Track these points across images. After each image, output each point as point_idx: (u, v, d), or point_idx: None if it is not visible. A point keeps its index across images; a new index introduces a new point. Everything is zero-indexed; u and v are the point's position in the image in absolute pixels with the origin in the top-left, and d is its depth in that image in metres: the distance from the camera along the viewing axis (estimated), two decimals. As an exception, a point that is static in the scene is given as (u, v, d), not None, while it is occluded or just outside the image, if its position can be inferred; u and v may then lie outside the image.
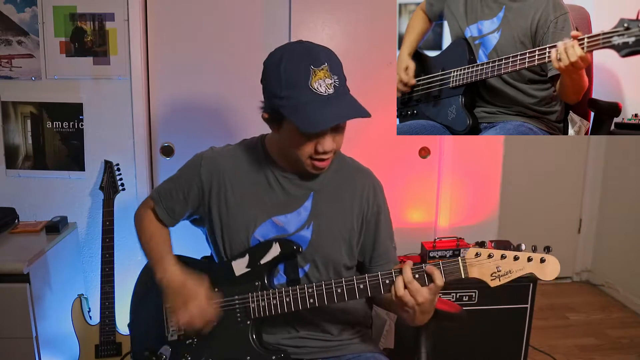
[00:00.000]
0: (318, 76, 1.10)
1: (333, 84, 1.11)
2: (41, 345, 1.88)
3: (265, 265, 1.25)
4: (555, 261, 1.07)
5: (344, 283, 1.18)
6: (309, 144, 1.16)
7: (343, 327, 1.35)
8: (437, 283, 1.11)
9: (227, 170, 1.31)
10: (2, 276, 1.80)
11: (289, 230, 1.28)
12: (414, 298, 1.11)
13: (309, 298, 1.19)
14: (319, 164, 1.20)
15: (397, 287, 1.12)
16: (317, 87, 1.10)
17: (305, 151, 1.17)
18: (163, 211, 1.35)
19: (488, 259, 1.10)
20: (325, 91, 1.10)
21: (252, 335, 1.25)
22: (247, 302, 1.24)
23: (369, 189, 1.33)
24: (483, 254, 1.10)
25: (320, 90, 1.10)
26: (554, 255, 1.08)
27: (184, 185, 1.33)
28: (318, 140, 1.15)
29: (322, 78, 1.10)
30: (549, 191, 3.38)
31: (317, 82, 1.10)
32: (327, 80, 1.11)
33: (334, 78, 1.12)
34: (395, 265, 1.36)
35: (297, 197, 1.29)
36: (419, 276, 1.12)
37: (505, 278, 1.09)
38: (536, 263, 1.07)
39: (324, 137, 1.15)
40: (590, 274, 3.47)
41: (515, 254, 1.08)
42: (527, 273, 1.08)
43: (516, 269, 1.08)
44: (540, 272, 1.07)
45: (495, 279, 1.09)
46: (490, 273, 1.09)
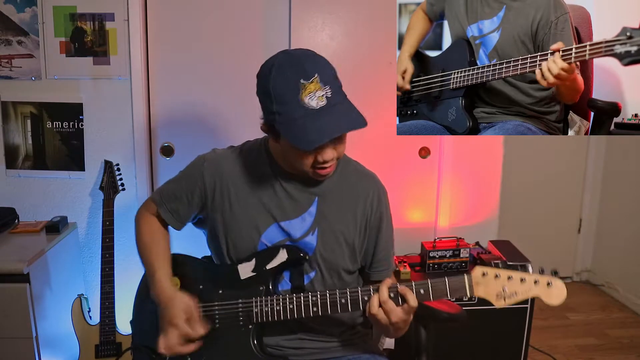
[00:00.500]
0: (308, 90, 1.07)
1: (325, 95, 1.08)
2: (41, 345, 1.88)
3: (271, 270, 1.25)
4: (562, 285, 1.07)
5: (349, 294, 1.18)
6: (309, 157, 1.15)
7: (343, 328, 1.35)
8: (411, 304, 1.11)
9: (230, 173, 1.30)
10: (2, 276, 1.80)
11: (294, 235, 1.27)
12: (388, 317, 1.12)
13: (313, 306, 1.19)
14: (322, 172, 1.19)
15: (371, 304, 1.13)
16: (308, 101, 1.07)
17: (306, 163, 1.16)
18: (168, 214, 1.33)
19: (494, 279, 1.09)
20: (316, 104, 1.07)
21: (253, 340, 1.24)
22: (250, 307, 1.24)
23: (374, 194, 1.32)
24: (490, 274, 1.10)
25: (312, 105, 1.07)
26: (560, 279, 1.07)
27: (186, 188, 1.32)
28: (318, 152, 1.14)
29: (312, 91, 1.07)
30: (549, 191, 3.38)
31: (307, 96, 1.07)
32: (317, 92, 1.07)
33: (326, 89, 1.08)
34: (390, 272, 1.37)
35: (301, 202, 1.28)
36: (394, 296, 1.12)
37: (511, 299, 1.09)
38: (542, 286, 1.07)
39: (323, 149, 1.14)
40: (590, 274, 3.47)
41: (522, 276, 1.08)
42: (533, 296, 1.08)
43: (522, 291, 1.08)
44: (546, 295, 1.07)
45: (501, 299, 1.09)
46: (495, 293, 1.09)
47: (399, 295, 1.12)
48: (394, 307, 1.11)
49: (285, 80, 1.09)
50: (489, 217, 2.53)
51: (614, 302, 3.18)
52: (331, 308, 1.18)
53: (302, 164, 1.17)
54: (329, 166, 1.18)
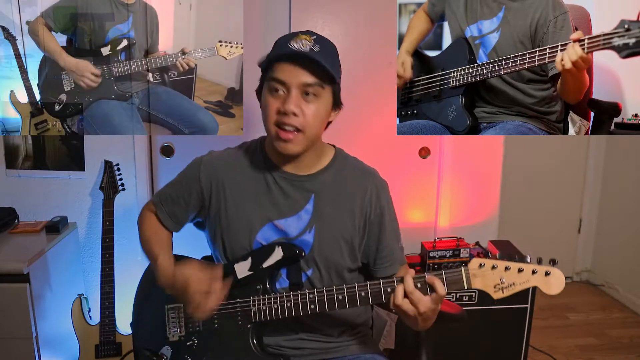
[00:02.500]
0: (299, 38, 1.14)
1: (310, 46, 1.13)
2: (41, 345, 1.88)
3: (267, 269, 1.25)
4: (560, 275, 1.05)
5: (345, 290, 1.17)
6: (275, 102, 1.16)
7: (343, 328, 1.35)
8: (439, 292, 1.10)
9: (226, 174, 1.30)
10: (2, 276, 1.80)
11: (290, 234, 1.27)
12: (416, 307, 1.10)
13: (310, 304, 1.19)
14: (283, 134, 1.16)
15: (396, 295, 1.12)
16: (292, 44, 1.13)
17: (271, 112, 1.16)
18: (166, 216, 1.35)
19: (492, 270, 1.08)
20: (298, 47, 1.13)
21: (253, 339, 1.25)
22: (248, 306, 1.24)
23: (372, 190, 1.30)
24: (487, 265, 1.08)
25: (294, 46, 1.13)
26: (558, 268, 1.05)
27: (184, 190, 1.33)
28: (285, 99, 1.15)
29: (301, 39, 1.14)
30: (549, 191, 3.38)
31: (296, 42, 1.13)
32: (305, 41, 1.13)
33: (316, 46, 1.14)
34: (401, 266, 1.35)
35: (297, 200, 1.28)
36: (421, 286, 1.11)
37: (509, 290, 1.07)
38: (540, 276, 1.05)
39: (289, 95, 1.14)
40: (590, 274, 3.48)
41: (520, 266, 1.06)
42: (531, 286, 1.06)
43: (520, 282, 1.06)
44: (544, 285, 1.05)
45: (499, 290, 1.07)
46: (493, 284, 1.08)
47: (426, 284, 1.11)
48: (422, 296, 1.10)
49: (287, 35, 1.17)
50: (489, 217, 2.53)
51: (614, 302, 3.18)
52: (328, 304, 1.18)
53: (269, 119, 1.17)
54: (290, 126, 1.16)
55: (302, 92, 1.15)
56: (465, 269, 1.10)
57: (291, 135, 1.17)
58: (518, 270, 1.06)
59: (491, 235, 2.49)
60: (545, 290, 1.05)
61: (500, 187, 2.52)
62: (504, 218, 2.61)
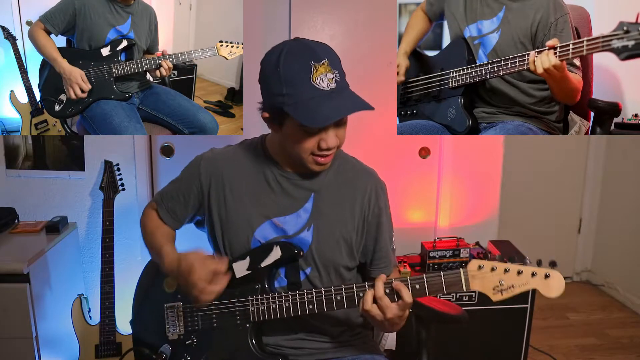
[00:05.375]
0: (319, 71, 1.10)
1: (334, 78, 1.11)
2: (41, 345, 1.89)
3: (265, 268, 1.25)
4: (560, 277, 1.03)
5: (344, 290, 1.17)
6: (311, 140, 1.15)
7: (343, 328, 1.35)
8: (405, 300, 1.10)
9: (226, 171, 1.30)
10: (2, 276, 1.80)
11: (288, 231, 1.27)
12: (384, 313, 1.11)
13: (309, 304, 1.19)
14: (322, 160, 1.19)
15: (365, 300, 1.12)
16: (319, 82, 1.09)
17: (307, 148, 1.16)
18: (166, 213, 1.35)
19: (491, 272, 1.07)
20: (327, 86, 1.10)
21: (252, 339, 1.25)
22: (246, 305, 1.24)
23: (371, 190, 1.31)
24: (486, 267, 1.07)
25: (323, 86, 1.10)
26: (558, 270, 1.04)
27: (184, 188, 1.33)
28: (321, 137, 1.15)
29: (323, 73, 1.10)
30: (549, 191, 3.38)
31: (318, 77, 1.09)
32: (328, 75, 1.10)
33: (335, 73, 1.11)
34: (394, 268, 1.36)
35: (297, 198, 1.28)
36: (389, 292, 1.12)
37: (508, 293, 1.06)
38: (540, 279, 1.04)
39: (326, 133, 1.15)
40: (590, 274, 3.47)
41: (519, 268, 1.05)
42: (531, 288, 1.05)
43: (519, 284, 1.05)
44: (544, 287, 1.04)
45: (497, 293, 1.06)
46: (492, 286, 1.07)
47: (394, 291, 1.11)
48: (389, 303, 1.11)
49: (296, 62, 1.10)
50: (489, 217, 2.53)
51: (614, 302, 3.18)
52: (327, 305, 1.18)
53: (303, 151, 1.17)
54: (329, 154, 1.18)
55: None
56: (464, 270, 1.09)
57: (330, 158, 1.20)
58: (517, 272, 1.05)
59: (491, 235, 2.49)
60: (545, 293, 1.04)
61: (500, 187, 2.52)
62: (504, 218, 2.61)
